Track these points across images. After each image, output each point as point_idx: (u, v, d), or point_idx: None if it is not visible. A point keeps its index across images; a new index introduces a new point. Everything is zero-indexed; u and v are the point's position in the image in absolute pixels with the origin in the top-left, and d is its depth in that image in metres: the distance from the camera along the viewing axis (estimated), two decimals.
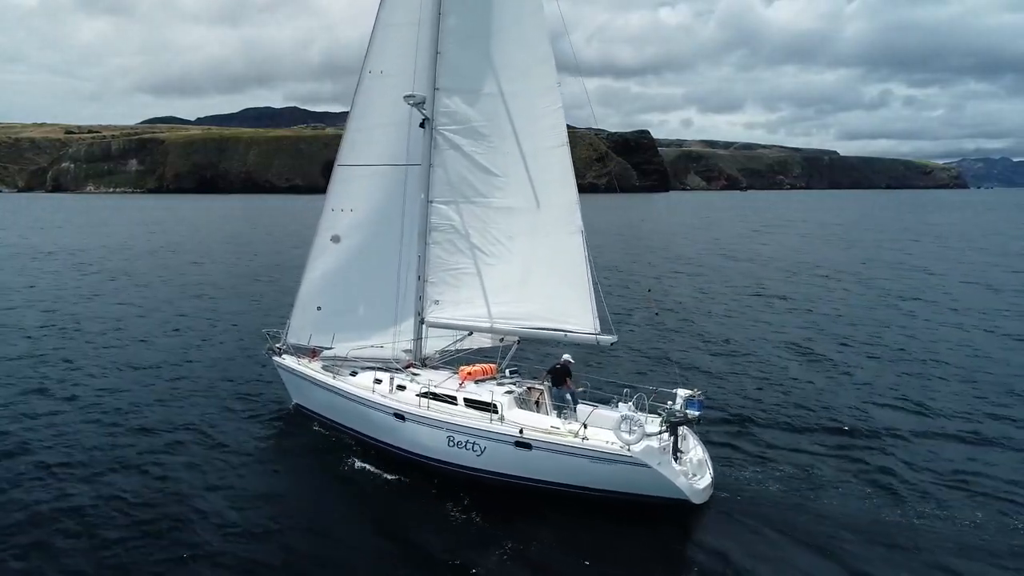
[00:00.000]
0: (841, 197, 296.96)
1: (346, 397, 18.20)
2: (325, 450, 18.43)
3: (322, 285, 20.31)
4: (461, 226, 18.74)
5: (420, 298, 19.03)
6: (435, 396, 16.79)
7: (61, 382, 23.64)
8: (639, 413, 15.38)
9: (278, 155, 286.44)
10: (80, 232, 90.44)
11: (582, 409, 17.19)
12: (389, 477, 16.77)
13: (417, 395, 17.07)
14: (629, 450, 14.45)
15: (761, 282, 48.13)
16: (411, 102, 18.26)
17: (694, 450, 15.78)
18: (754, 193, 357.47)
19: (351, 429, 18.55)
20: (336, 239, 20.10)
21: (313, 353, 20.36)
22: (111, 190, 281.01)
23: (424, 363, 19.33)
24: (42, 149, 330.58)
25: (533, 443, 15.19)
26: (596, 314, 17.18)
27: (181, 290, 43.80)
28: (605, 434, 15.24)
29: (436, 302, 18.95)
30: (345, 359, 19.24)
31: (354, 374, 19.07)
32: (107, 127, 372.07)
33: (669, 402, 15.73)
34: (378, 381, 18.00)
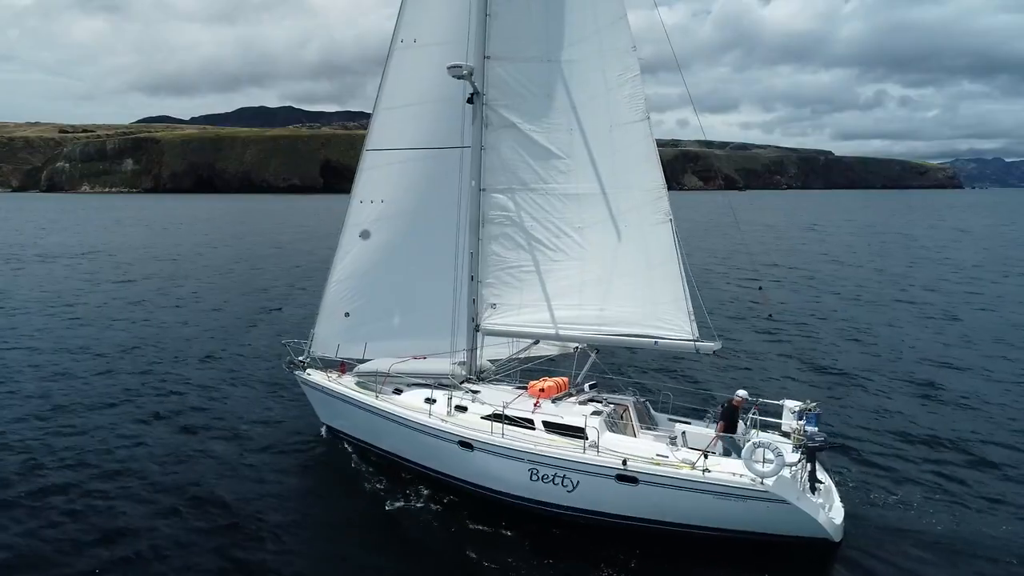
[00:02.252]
0: (852, 197, 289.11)
1: (396, 422, 15.31)
2: (369, 480, 15.56)
3: (350, 288, 17.51)
4: (519, 217, 15.92)
5: (474, 302, 16.14)
6: (507, 419, 13.96)
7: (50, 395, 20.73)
8: (758, 433, 13.14)
9: (275, 155, 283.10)
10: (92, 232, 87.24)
11: (673, 426, 14.63)
12: (452, 512, 14.01)
13: (484, 418, 14.25)
14: (763, 483, 11.78)
15: (854, 285, 43.75)
16: (457, 74, 15.35)
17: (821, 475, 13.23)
18: (755, 193, 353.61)
19: (402, 458, 15.69)
20: (366, 235, 17.29)
21: (342, 367, 17.51)
22: (107, 190, 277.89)
23: (480, 377, 16.47)
24: (36, 149, 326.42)
25: (640, 477, 12.48)
26: (692, 316, 14.38)
27: (195, 296, 40.79)
28: (727, 463, 12.47)
29: (493, 306, 16.07)
30: (387, 374, 16.29)
31: (398, 391, 16.22)
32: (101, 126, 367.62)
33: (796, 421, 13.07)
34: (431, 401, 15.19)
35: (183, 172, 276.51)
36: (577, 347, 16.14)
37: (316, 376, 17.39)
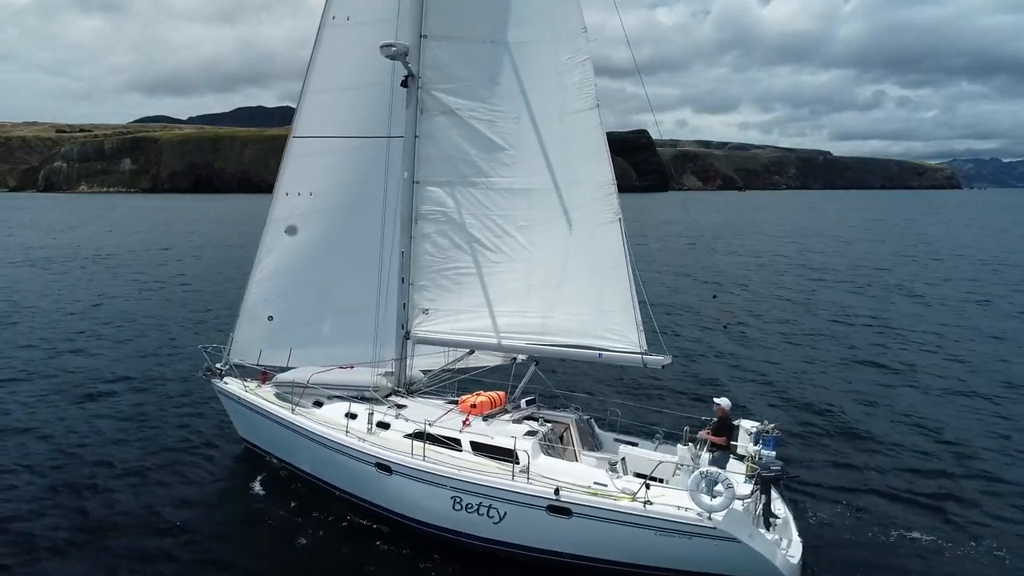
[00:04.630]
0: (858, 197, 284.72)
1: (311, 439, 13.77)
2: (284, 506, 13.88)
3: (274, 289, 15.99)
4: (457, 214, 14.37)
5: (404, 306, 14.60)
6: (431, 439, 12.43)
7: None
8: (699, 458, 11.77)
9: (274, 154, 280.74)
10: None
11: (619, 447, 13.07)
12: (369, 544, 12.47)
13: (406, 436, 12.70)
14: (710, 518, 10.25)
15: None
16: (389, 53, 13.79)
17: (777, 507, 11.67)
18: (755, 193, 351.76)
19: (320, 479, 14.15)
20: (292, 230, 15.81)
21: (264, 376, 16.00)
22: (104, 190, 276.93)
23: (409, 390, 14.93)
24: (33, 148, 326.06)
25: (573, 508, 10.94)
26: (641, 327, 12.85)
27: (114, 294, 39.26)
28: (672, 494, 10.89)
29: (425, 311, 14.52)
30: (306, 385, 14.76)
31: (319, 404, 14.68)
32: (99, 126, 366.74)
33: (752, 444, 11.58)
34: (352, 416, 13.65)
35: (182, 172, 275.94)
36: (517, 358, 14.60)
37: (233, 386, 15.84)
